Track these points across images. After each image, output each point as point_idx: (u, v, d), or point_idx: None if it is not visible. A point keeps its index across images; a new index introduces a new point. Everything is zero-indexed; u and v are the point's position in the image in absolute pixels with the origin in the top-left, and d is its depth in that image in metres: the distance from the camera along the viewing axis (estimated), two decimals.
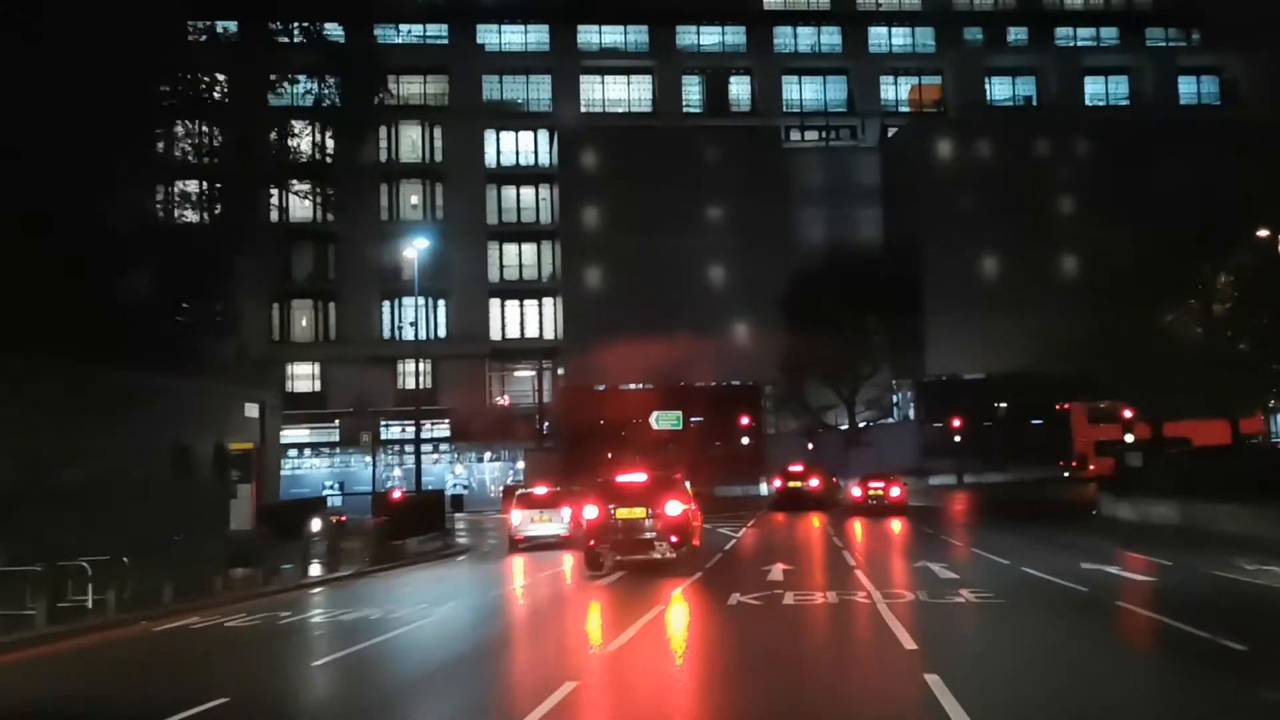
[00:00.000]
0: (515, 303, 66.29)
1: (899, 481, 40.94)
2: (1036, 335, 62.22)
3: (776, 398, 64.33)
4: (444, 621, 15.79)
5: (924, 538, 28.51)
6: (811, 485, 42.47)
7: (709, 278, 63.22)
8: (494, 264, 66.15)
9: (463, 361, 63.61)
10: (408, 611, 16.42)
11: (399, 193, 64.59)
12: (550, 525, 28.98)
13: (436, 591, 19.62)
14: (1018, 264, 62.62)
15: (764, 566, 20.41)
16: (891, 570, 20.99)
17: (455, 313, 64.62)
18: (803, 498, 42.42)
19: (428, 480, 62.50)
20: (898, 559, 23.78)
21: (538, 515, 29.27)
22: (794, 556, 23.49)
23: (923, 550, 24.47)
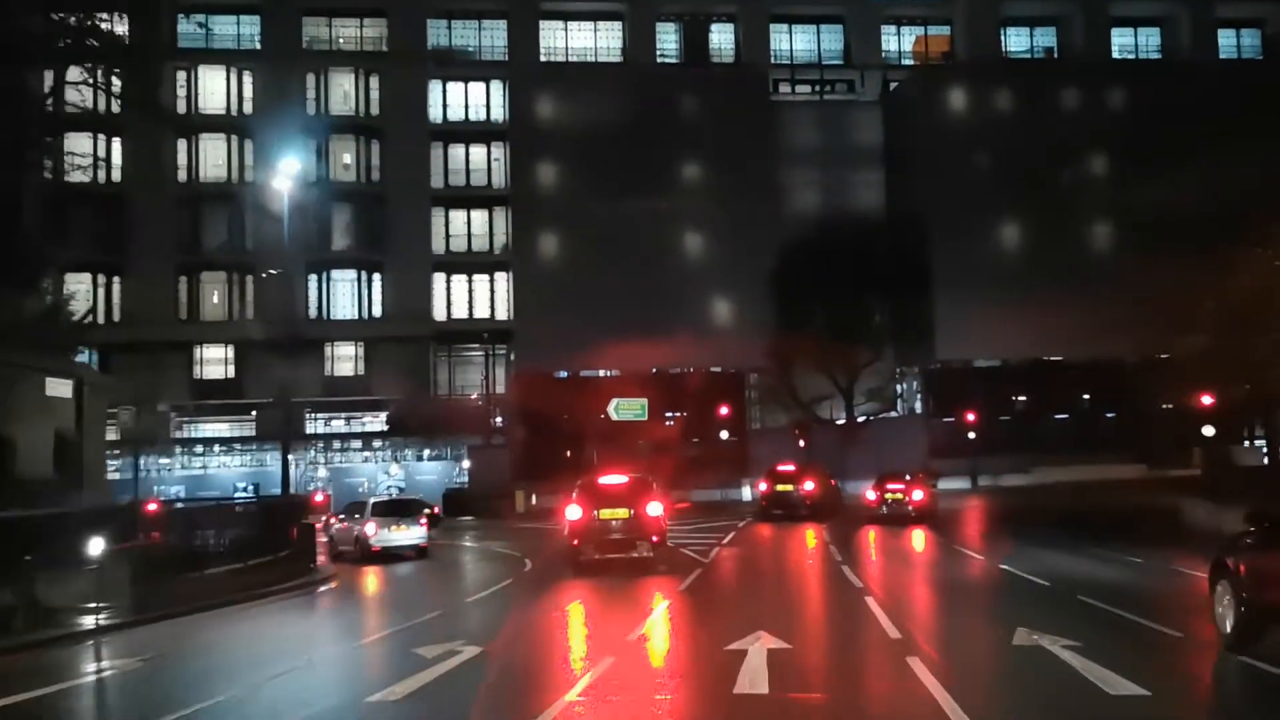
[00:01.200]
0: (463, 278, 57.80)
1: (923, 483, 32.79)
2: (1063, 315, 54.39)
3: (763, 387, 56.00)
4: None
5: (991, 572, 19.98)
6: (805, 489, 34.20)
7: (685, 249, 54.84)
8: (439, 233, 57.68)
9: (402, 345, 55.15)
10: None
11: (329, 150, 56.01)
12: (407, 534, 26.17)
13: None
14: (1039, 234, 54.48)
15: (732, 644, 11.55)
16: (978, 653, 11.66)
17: (393, 289, 56.16)
18: (794, 504, 34.18)
19: (358, 480, 54.15)
20: (975, 621, 13.94)
21: (396, 523, 26.26)
22: (786, 611, 14.82)
23: (1006, 600, 15.94)
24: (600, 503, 20.73)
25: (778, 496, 34.67)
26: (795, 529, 31.00)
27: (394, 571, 23.85)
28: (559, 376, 54.80)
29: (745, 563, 22.75)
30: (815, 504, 33.91)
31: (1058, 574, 17.76)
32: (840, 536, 27.17)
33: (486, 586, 19.80)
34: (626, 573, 19.64)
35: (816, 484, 34.31)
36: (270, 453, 53.26)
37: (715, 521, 34.41)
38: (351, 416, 55.48)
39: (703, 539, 27.22)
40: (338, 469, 53.36)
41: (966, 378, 54.84)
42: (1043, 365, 56.11)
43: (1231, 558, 10.95)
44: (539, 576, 21.16)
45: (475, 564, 26.55)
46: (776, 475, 35.29)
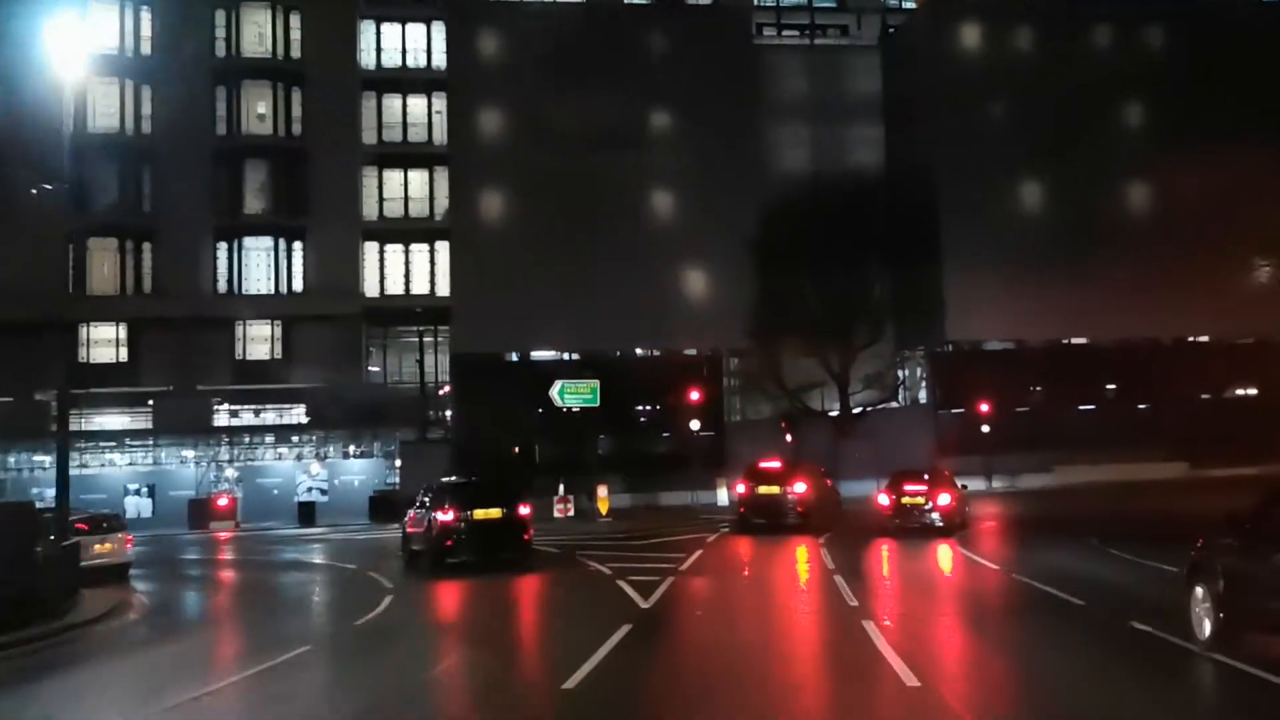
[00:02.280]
0: (399, 248, 50.20)
1: (949, 483, 25.45)
2: (1090, 291, 47.17)
3: (744, 373, 48.56)
4: None
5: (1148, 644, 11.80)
6: (795, 491, 26.69)
7: (654, 213, 47.25)
8: (371, 196, 50.10)
9: (327, 324, 47.49)
10: None
11: (240, 98, 48.24)
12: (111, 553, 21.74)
13: None
14: (1063, 196, 47.17)
15: None
16: None
17: (317, 259, 48.48)
18: (781, 511, 26.76)
19: (275, 482, 46.46)
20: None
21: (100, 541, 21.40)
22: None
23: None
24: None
25: (760, 501, 27.20)
26: (783, 545, 23.60)
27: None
28: (510, 360, 47.28)
29: (703, 611, 15.21)
30: (808, 511, 26.50)
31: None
32: (846, 559, 19.76)
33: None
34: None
35: (809, 485, 26.86)
36: (171, 449, 45.63)
37: (678, 534, 27.00)
38: (267, 407, 47.74)
39: (655, 563, 19.82)
40: (250, 468, 45.65)
41: (978, 362, 47.47)
42: (1065, 349, 48.84)
43: (1210, 559, 10.70)
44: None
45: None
46: (758, 475, 27.81)
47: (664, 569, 18.57)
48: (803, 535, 25.22)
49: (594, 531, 28.74)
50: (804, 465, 28.37)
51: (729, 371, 49.39)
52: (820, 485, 27.91)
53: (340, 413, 46.00)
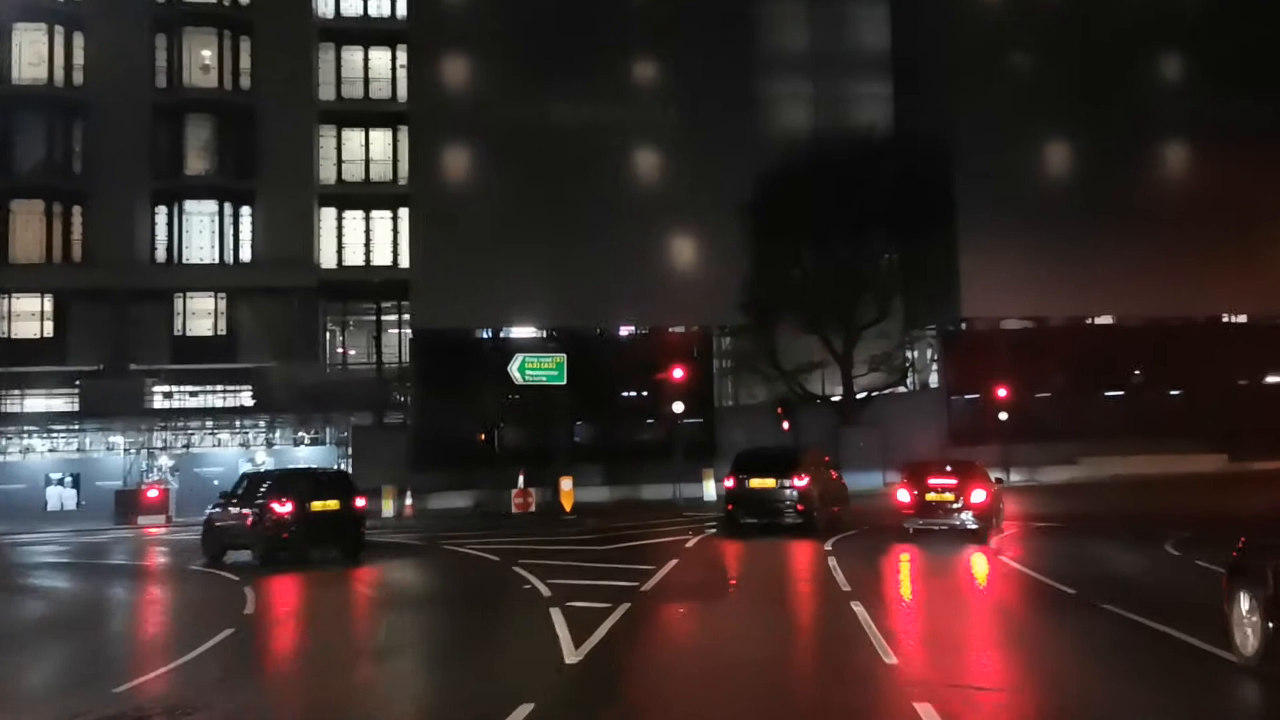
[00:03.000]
0: (359, 215, 45.66)
1: (982, 476, 21.05)
2: (1119, 265, 42.74)
3: (736, 353, 44.10)
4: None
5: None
6: (796, 484, 22.16)
7: (638, 174, 42.72)
8: (328, 158, 45.60)
9: (277, 298, 43.05)
10: None
11: (182, 47, 43.63)
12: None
13: None
14: (1091, 160, 42.77)
15: None
16: None
17: (267, 227, 43.95)
18: (777, 508, 22.25)
19: (215, 471, 41.95)
20: None
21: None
22: None
23: None
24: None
25: (752, 497, 22.61)
26: (779, 553, 19.23)
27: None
28: (479, 338, 42.79)
29: (659, 670, 10.24)
30: (810, 508, 22.03)
31: None
32: (864, 576, 15.36)
33: None
34: None
35: (811, 478, 22.37)
36: (99, 434, 41.14)
37: (654, 535, 22.62)
38: (209, 389, 43.24)
39: (614, 578, 15.41)
40: (187, 456, 41.17)
41: (995, 343, 43.00)
42: (1090, 329, 44.47)
43: (1260, 563, 9.09)
44: None
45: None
46: (750, 464, 23.22)
47: (622, 589, 14.16)
48: (804, 539, 20.86)
49: (552, 532, 24.35)
50: (806, 453, 23.94)
51: (720, 352, 44.94)
52: (824, 478, 23.49)
53: (290, 396, 41.53)
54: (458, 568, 19.12)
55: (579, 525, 25.81)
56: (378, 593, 16.52)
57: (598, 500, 36.89)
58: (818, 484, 22.62)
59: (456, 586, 16.77)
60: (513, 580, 15.71)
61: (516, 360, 28.87)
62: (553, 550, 20.28)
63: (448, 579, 17.77)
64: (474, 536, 23.92)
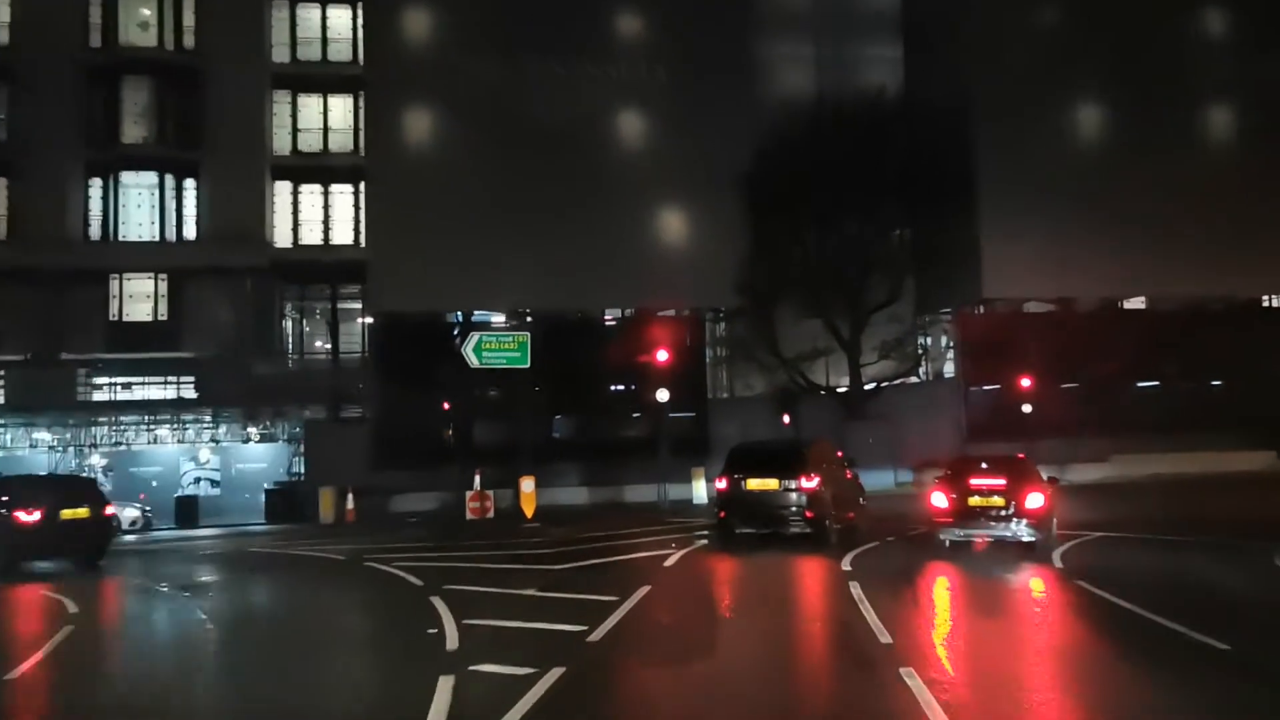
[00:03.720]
0: (316, 189, 41.53)
1: (1035, 476, 17.04)
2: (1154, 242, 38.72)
3: (732, 340, 40.04)
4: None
5: None
6: (803, 485, 17.98)
7: (623, 142, 38.58)
8: (283, 126, 41.46)
9: (225, 280, 38.94)
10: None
11: (118, 2, 39.50)
12: None
13: None
14: (1125, 126, 38.68)
15: None
16: None
17: (214, 201, 39.80)
18: (780, 515, 18.13)
19: (154, 471, 37.95)
20: None
21: None
22: None
23: None
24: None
25: (750, 502, 18.46)
26: (785, 577, 15.17)
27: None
28: (449, 322, 38.69)
29: None
30: (821, 515, 17.99)
31: None
32: (902, 613, 11.33)
33: None
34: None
35: (822, 477, 18.32)
36: (24, 429, 37.06)
37: (629, 548, 18.55)
38: (148, 380, 39.13)
39: (560, 616, 11.22)
40: (124, 454, 37.13)
41: (1018, 328, 38.98)
42: (1123, 313, 40.49)
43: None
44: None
45: None
46: (748, 460, 19.01)
47: (562, 638, 10.07)
48: (814, 554, 16.81)
49: (506, 544, 20.26)
50: (815, 447, 19.91)
51: (714, 340, 40.88)
52: (837, 477, 19.40)
53: (241, 387, 37.50)
54: (358, 595, 15.04)
55: (541, 535, 21.73)
56: (206, 631, 12.44)
57: (573, 503, 33.00)
58: (830, 485, 18.53)
59: (328, 626, 12.52)
60: (420, 616, 11.60)
61: (471, 339, 24.70)
62: (496, 570, 16.20)
63: (326, 614, 13.54)
64: (411, 549, 19.88)
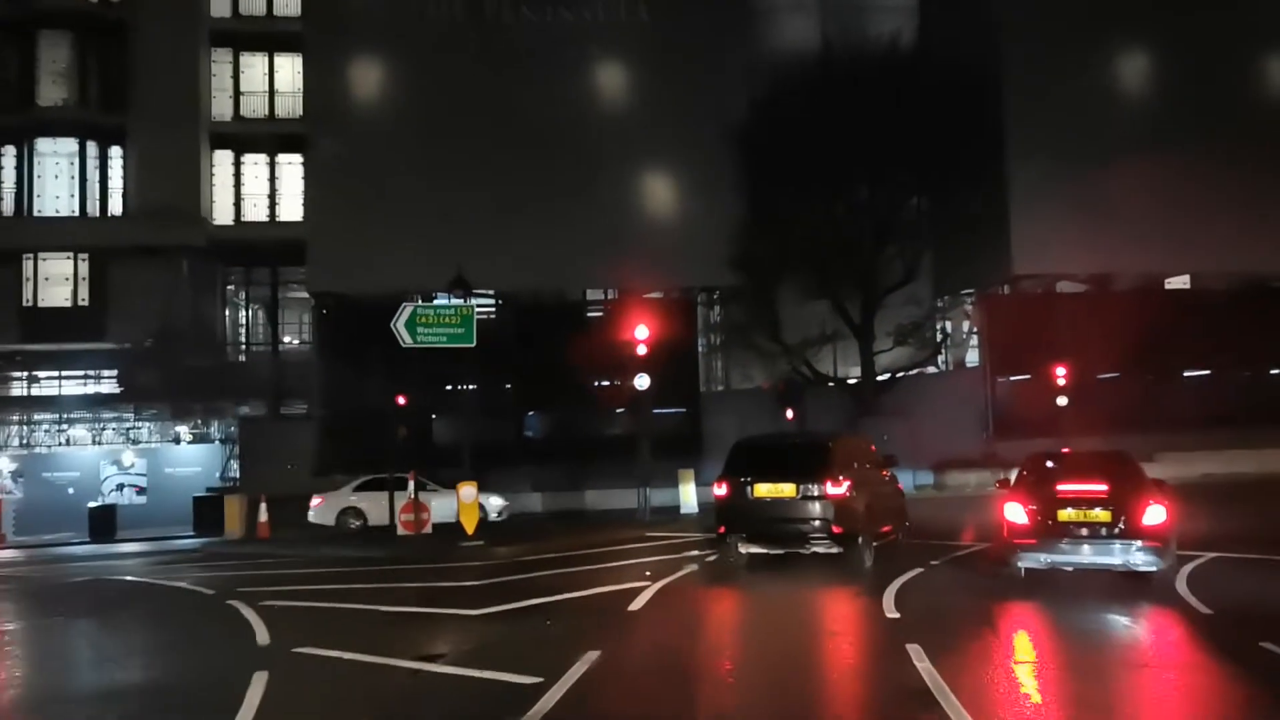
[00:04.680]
0: (261, 160, 37.19)
1: (1147, 482, 12.56)
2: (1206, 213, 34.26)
3: (728, 324, 35.56)
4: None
5: None
6: (830, 491, 13.77)
7: (600, 97, 34.05)
8: (223, 89, 37.08)
9: (156, 261, 34.53)
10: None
11: None
12: None
13: None
14: (1173, 79, 34.17)
15: None
16: None
17: (144, 172, 35.42)
18: (797, 529, 13.91)
19: (71, 477, 33.47)
20: None
21: None
22: None
23: None
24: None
25: (758, 512, 14.31)
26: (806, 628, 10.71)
27: None
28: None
29: None
30: (854, 531, 13.85)
31: None
32: (1008, 710, 6.84)
33: None
34: None
35: (853, 480, 14.09)
36: None
37: (587, 578, 14.05)
38: (66, 374, 34.67)
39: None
40: (36, 457, 32.68)
41: (1051, 311, 34.55)
42: (1169, 294, 36.04)
43: None
44: None
45: None
46: (756, 459, 14.81)
47: None
48: (845, 585, 12.48)
49: (429, 572, 15.83)
50: (843, 442, 15.45)
51: (708, 325, 36.43)
52: (872, 480, 15.12)
53: (176, 381, 33.07)
54: (161, 663, 10.51)
55: (480, 558, 17.25)
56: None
57: (545, 510, 28.58)
58: (863, 491, 14.30)
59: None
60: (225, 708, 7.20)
61: (403, 313, 20.17)
62: (389, 619, 11.81)
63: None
64: (307, 576, 15.59)
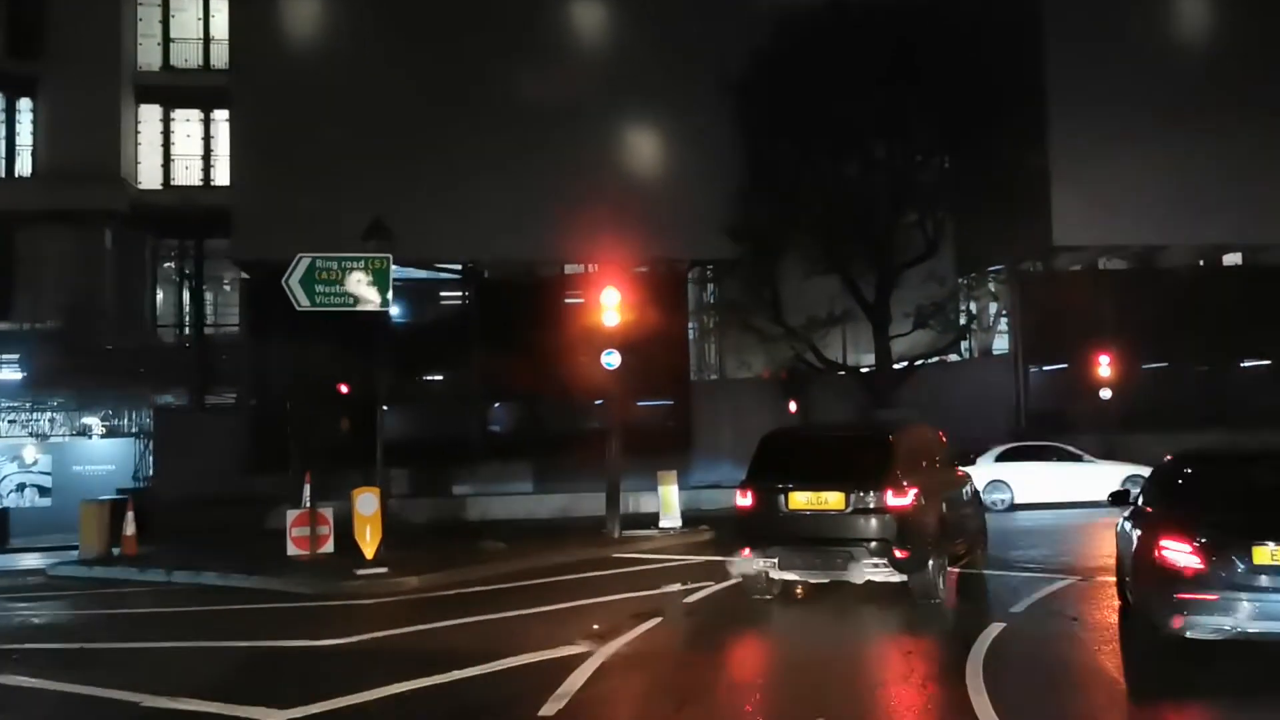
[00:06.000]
0: (194, 115, 32.81)
1: None
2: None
3: (722, 303, 31.23)
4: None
5: None
6: (890, 501, 10.45)
7: (577, 42, 29.55)
8: (150, 34, 32.71)
9: (69, 229, 30.21)
10: None
11: None
12: None
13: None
14: (1246, 22, 29.75)
15: None
16: None
17: (56, 127, 31.04)
18: (840, 553, 10.57)
19: None
20: None
21: None
22: None
23: None
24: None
25: (794, 528, 11.08)
26: None
27: None
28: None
29: None
30: (923, 553, 10.59)
31: None
32: None
33: None
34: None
35: (920, 487, 10.72)
36: None
37: (504, 644, 9.63)
38: None
39: None
40: None
41: (1093, 290, 30.26)
42: (1228, 271, 31.83)
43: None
44: None
45: None
46: (789, 459, 11.74)
47: None
48: (913, 634, 9.40)
49: (288, 612, 11.76)
50: (906, 434, 12.06)
51: (701, 305, 32.12)
52: (945, 483, 11.96)
53: (87, 366, 28.71)
54: None
55: (375, 592, 12.96)
56: None
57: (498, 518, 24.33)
58: (935, 500, 11.30)
59: None
60: None
61: (297, 268, 15.74)
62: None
63: None
64: (106, 625, 11.56)
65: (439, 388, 30.22)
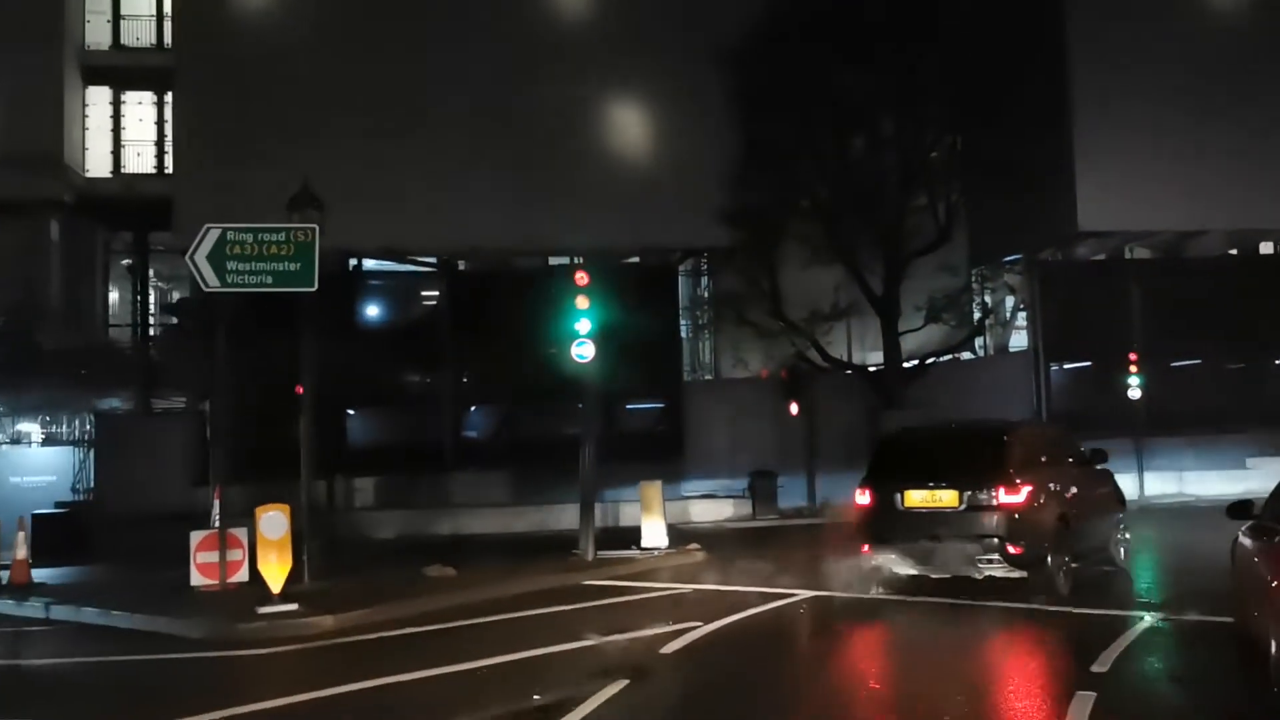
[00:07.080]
0: (146, 98, 30.54)
1: None
2: None
3: (718, 296, 28.91)
4: None
5: None
6: (1002, 500, 10.76)
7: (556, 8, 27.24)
8: (99, 11, 30.48)
9: (10, 219, 27.89)
10: None
11: None
12: None
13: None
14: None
15: None
16: None
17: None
18: (955, 550, 11.18)
19: None
20: None
21: None
22: None
23: None
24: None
25: (908, 525, 11.21)
26: None
27: None
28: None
29: None
30: (1036, 552, 10.89)
31: None
32: None
33: None
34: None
35: (1034, 485, 11.03)
36: None
37: (424, 704, 7.24)
38: None
39: None
40: None
41: (1118, 282, 27.90)
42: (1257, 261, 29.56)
43: None
44: None
45: None
46: (905, 459, 12.13)
47: None
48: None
49: (148, 666, 9.40)
50: (1025, 433, 12.60)
51: (695, 301, 29.78)
52: (1071, 481, 11.95)
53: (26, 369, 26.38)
54: None
55: (276, 639, 10.51)
56: None
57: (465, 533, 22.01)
58: (1055, 498, 11.39)
59: None
60: None
61: (204, 242, 13.24)
62: None
63: None
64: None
65: (411, 389, 27.90)
